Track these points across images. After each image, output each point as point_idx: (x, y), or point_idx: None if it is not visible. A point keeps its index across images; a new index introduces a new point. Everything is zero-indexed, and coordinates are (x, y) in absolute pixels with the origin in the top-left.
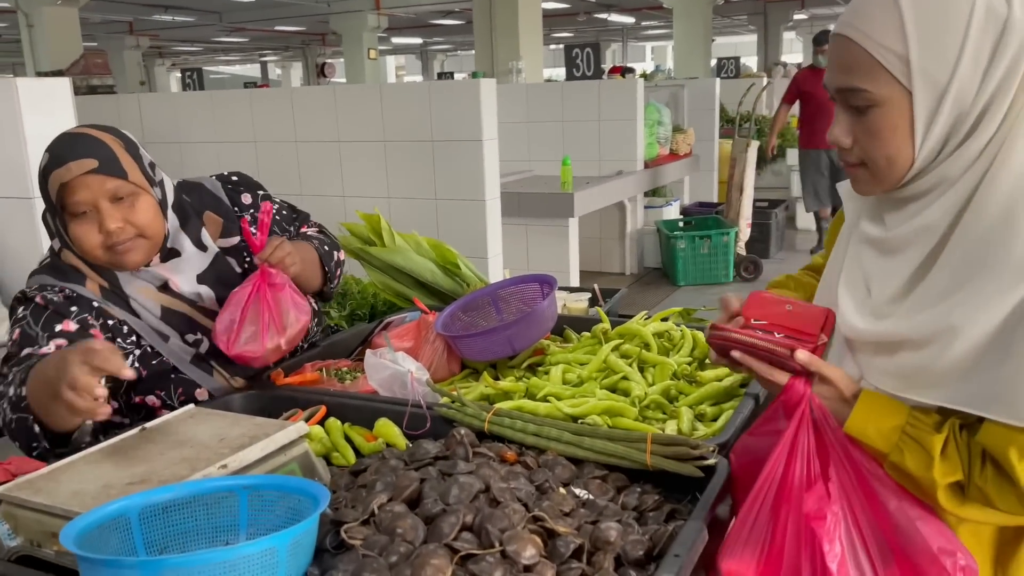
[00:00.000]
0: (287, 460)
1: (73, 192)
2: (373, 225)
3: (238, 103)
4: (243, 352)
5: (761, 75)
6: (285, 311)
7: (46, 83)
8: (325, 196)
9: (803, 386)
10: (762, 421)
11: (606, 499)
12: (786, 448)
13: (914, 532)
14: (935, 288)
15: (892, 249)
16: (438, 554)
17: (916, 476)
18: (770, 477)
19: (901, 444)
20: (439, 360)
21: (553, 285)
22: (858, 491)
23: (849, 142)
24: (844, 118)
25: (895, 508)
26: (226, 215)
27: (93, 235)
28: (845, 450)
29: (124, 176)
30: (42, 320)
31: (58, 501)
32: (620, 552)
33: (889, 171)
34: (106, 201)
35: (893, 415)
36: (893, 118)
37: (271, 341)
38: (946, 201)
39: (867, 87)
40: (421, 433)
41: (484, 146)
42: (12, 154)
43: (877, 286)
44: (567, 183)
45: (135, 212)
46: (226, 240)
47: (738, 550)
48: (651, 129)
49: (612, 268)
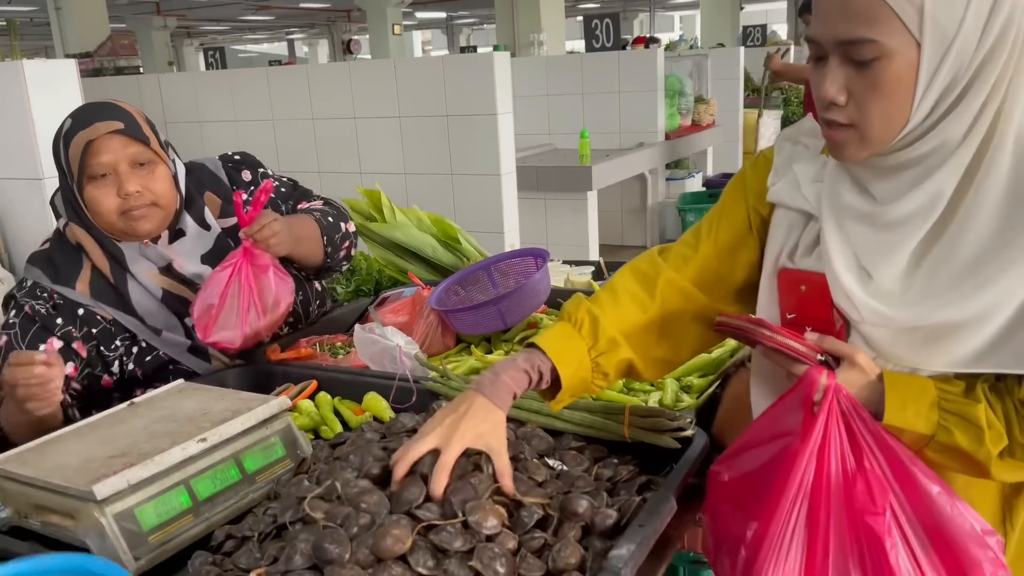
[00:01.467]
0: (269, 434)
1: (97, 152)
2: (374, 201)
3: (256, 81)
4: (219, 340)
5: (788, 42)
6: (267, 294)
7: (52, 65)
8: (342, 173)
9: (826, 377)
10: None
11: (580, 470)
12: (814, 447)
13: (959, 516)
14: (956, 262)
15: (891, 223)
16: (400, 524)
17: (969, 452)
18: (800, 482)
19: (944, 422)
20: (433, 334)
21: (545, 258)
22: (893, 480)
23: (844, 99)
24: (839, 74)
25: (938, 494)
26: (225, 196)
27: (111, 199)
28: (878, 438)
29: (146, 142)
30: (29, 336)
31: (42, 474)
32: (588, 522)
33: (882, 131)
34: (126, 165)
35: (924, 392)
36: (898, 71)
37: (250, 327)
38: (949, 168)
39: (877, 37)
40: (407, 406)
41: (499, 120)
42: (20, 136)
43: (878, 264)
44: (585, 156)
45: (153, 179)
46: (225, 220)
47: (779, 569)
48: (672, 100)
49: (633, 241)
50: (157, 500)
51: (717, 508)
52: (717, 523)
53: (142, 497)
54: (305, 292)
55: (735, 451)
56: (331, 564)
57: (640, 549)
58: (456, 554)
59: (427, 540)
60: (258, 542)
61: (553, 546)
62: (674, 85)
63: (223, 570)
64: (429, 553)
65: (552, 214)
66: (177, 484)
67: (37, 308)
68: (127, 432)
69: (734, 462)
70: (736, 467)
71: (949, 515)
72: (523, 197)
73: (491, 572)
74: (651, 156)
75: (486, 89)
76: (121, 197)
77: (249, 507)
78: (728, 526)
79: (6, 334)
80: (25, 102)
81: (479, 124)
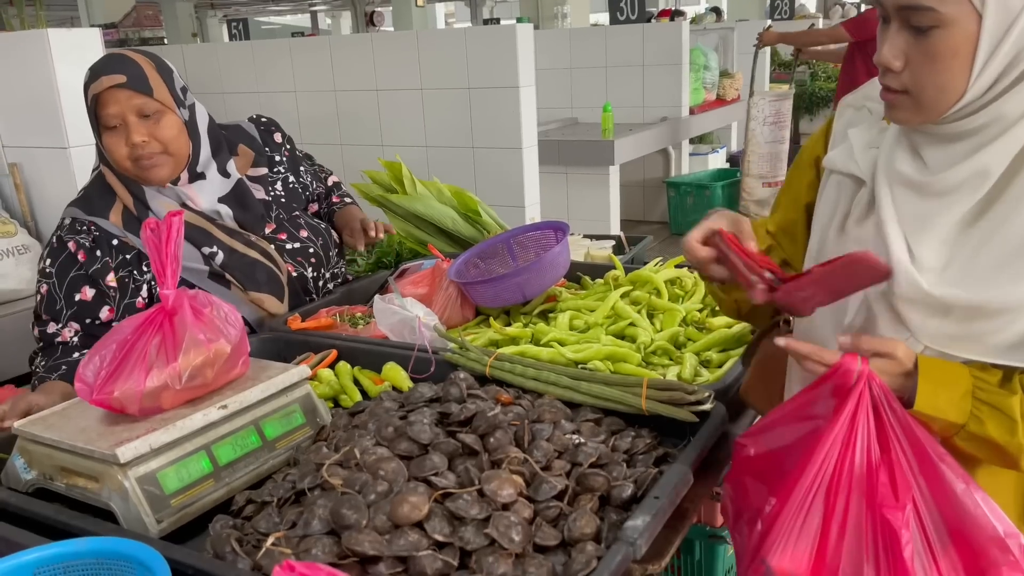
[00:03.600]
0: (289, 402)
1: (104, 105)
2: (395, 173)
3: (279, 53)
4: (105, 399)
5: (817, 15)
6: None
7: (77, 34)
8: (363, 145)
9: (859, 364)
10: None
11: (597, 441)
12: (840, 435)
13: (982, 516)
14: (999, 246)
15: (937, 192)
16: (417, 491)
17: (1000, 443)
18: (822, 467)
19: (977, 412)
20: (452, 306)
21: (565, 232)
22: (919, 475)
23: (900, 65)
24: (899, 39)
25: (963, 492)
26: (257, 150)
27: (122, 147)
28: (908, 431)
29: (149, 93)
30: (65, 284)
31: (66, 437)
32: (605, 493)
33: (937, 100)
34: (133, 116)
35: (959, 380)
36: (956, 42)
37: (154, 380)
38: (1003, 144)
39: (936, 6)
40: (425, 377)
41: (521, 93)
42: (46, 105)
43: (917, 233)
44: (608, 130)
45: (159, 128)
46: (256, 170)
47: (789, 548)
48: (697, 74)
49: (655, 217)
50: (179, 464)
51: (740, 479)
52: (739, 494)
53: (164, 461)
54: (324, 238)
55: (764, 426)
56: (348, 529)
57: (655, 520)
58: (472, 521)
59: (443, 507)
60: (277, 507)
61: (569, 516)
62: (699, 59)
63: (243, 534)
64: (445, 520)
65: (574, 188)
66: (199, 449)
67: (81, 242)
68: None
69: (761, 437)
70: (763, 442)
71: (972, 514)
72: (545, 171)
73: (506, 540)
74: (674, 131)
75: (508, 62)
76: (129, 146)
77: (269, 473)
78: (749, 498)
79: (46, 283)
80: (51, 71)
81: (501, 97)
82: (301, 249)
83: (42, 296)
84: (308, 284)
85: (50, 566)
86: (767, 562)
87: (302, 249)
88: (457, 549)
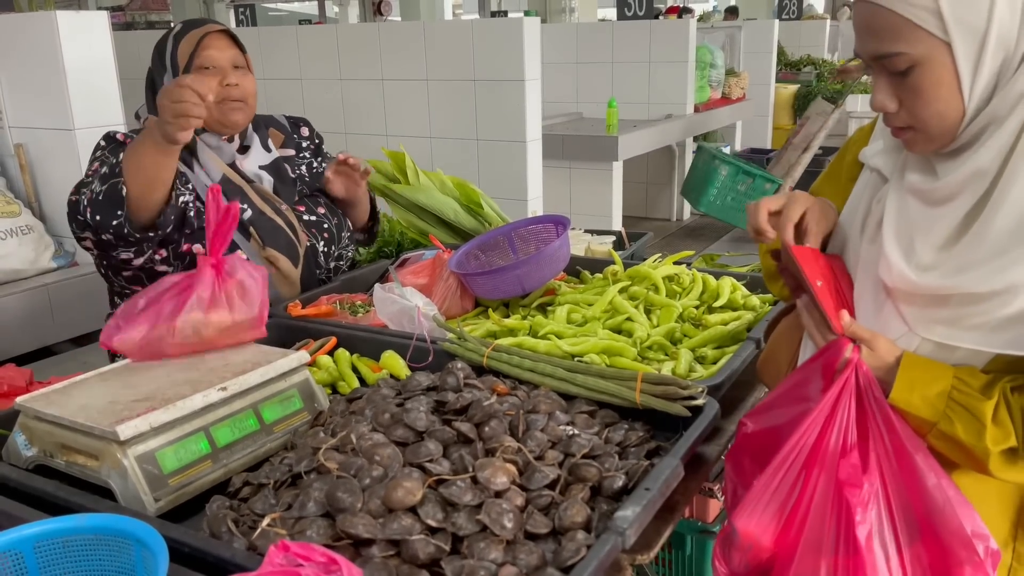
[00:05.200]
0: (288, 386)
1: (207, 47)
2: (398, 162)
3: (285, 40)
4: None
5: (824, 16)
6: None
7: (84, 16)
8: (368, 135)
9: (852, 351)
10: (786, 389)
11: (590, 433)
12: (823, 414)
13: (950, 512)
14: (988, 236)
15: (940, 199)
16: (411, 477)
17: (967, 444)
18: (800, 443)
19: (949, 412)
20: (452, 297)
21: (566, 226)
22: (894, 464)
23: (894, 107)
24: (885, 83)
25: (933, 486)
26: (286, 133)
27: (215, 87)
28: (887, 421)
29: (244, 50)
30: (120, 153)
31: (67, 413)
32: (596, 484)
33: (941, 127)
34: (228, 63)
35: (938, 380)
36: (936, 74)
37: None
38: (995, 142)
39: (904, 49)
40: (423, 366)
41: (526, 86)
42: (53, 86)
43: (922, 236)
44: (612, 126)
45: (246, 81)
46: (284, 151)
47: (756, 513)
48: (703, 72)
49: (659, 214)
50: (177, 445)
51: (738, 458)
52: (737, 472)
53: (163, 441)
54: (340, 219)
55: (765, 406)
56: (343, 512)
57: (645, 511)
58: (465, 508)
59: (437, 493)
60: (273, 489)
61: (560, 505)
62: (705, 56)
63: (239, 515)
64: (439, 506)
65: (577, 183)
66: (197, 430)
67: (127, 134)
68: (151, 378)
69: (761, 416)
70: (761, 421)
71: (940, 509)
72: (548, 165)
73: (498, 526)
74: (679, 128)
75: (515, 55)
76: (222, 87)
77: (266, 456)
78: (743, 476)
79: (97, 159)
80: (58, 53)
81: (506, 90)
82: (316, 223)
83: (93, 171)
84: (319, 257)
85: (49, 540)
86: (734, 523)
87: (317, 223)
88: (449, 534)
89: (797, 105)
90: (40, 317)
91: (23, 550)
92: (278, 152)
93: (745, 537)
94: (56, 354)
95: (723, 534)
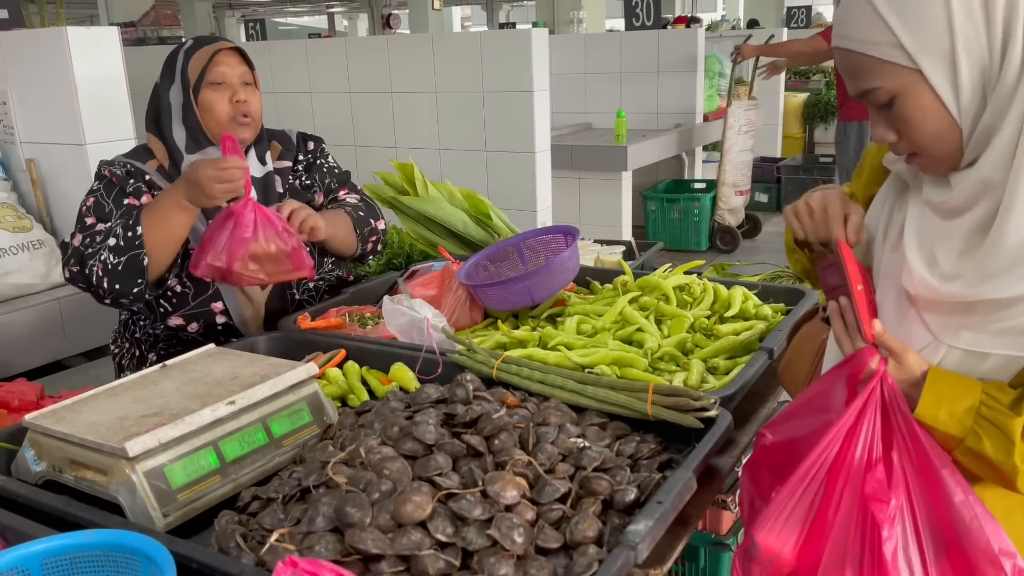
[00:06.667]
0: (296, 399)
1: (218, 63)
2: (407, 174)
3: (296, 54)
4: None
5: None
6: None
7: (95, 32)
8: (377, 147)
9: (878, 362)
10: (806, 400)
11: (602, 445)
12: (847, 426)
13: (977, 529)
14: (1004, 246)
15: (952, 210)
16: (421, 491)
17: (995, 461)
18: (823, 455)
19: (978, 428)
20: (461, 309)
21: (575, 236)
22: (920, 479)
23: (893, 137)
24: (878, 117)
25: (960, 502)
26: (287, 146)
27: (225, 104)
28: (913, 435)
29: (252, 67)
30: (112, 196)
31: (76, 430)
32: (608, 497)
33: (943, 149)
34: (238, 80)
35: (965, 395)
36: (918, 100)
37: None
38: (993, 151)
39: (880, 84)
40: (432, 378)
41: (535, 97)
42: (64, 101)
43: (941, 246)
44: (621, 136)
45: (254, 98)
46: (280, 162)
47: (777, 526)
48: (712, 81)
49: None
50: (186, 460)
51: (756, 469)
52: (754, 483)
53: (172, 456)
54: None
55: (784, 416)
56: (352, 527)
57: (658, 525)
58: (475, 522)
59: (447, 508)
60: (282, 504)
61: (571, 519)
62: (713, 65)
63: (248, 530)
64: (448, 520)
65: (586, 193)
66: (206, 445)
67: (114, 171)
68: (159, 393)
69: (780, 427)
70: (780, 432)
71: (967, 526)
72: (557, 176)
73: (508, 541)
74: (688, 137)
75: (523, 66)
76: (232, 104)
77: (275, 470)
78: (761, 488)
79: (92, 196)
80: (69, 68)
81: (515, 101)
82: None
83: (88, 207)
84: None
85: (57, 557)
86: (753, 537)
87: None
88: (459, 549)
89: (806, 113)
90: (51, 331)
91: (30, 567)
92: (273, 165)
93: (766, 550)
94: (67, 368)
95: (742, 548)
